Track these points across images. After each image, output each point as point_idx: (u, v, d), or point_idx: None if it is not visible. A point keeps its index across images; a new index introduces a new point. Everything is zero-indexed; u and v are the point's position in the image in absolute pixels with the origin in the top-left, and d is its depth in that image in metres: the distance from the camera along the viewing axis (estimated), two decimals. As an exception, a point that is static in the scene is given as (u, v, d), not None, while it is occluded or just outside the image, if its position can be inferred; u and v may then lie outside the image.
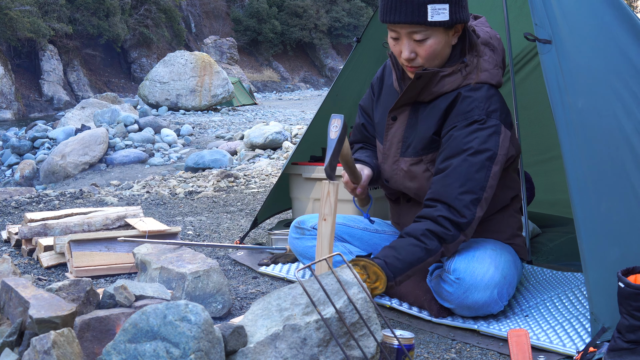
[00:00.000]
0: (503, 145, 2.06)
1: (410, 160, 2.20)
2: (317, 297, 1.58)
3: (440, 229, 2.00)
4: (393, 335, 1.65)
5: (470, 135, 2.04)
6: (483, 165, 2.02)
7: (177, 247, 2.55)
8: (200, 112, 17.61)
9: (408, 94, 2.17)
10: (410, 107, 2.22)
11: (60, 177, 9.32)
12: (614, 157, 1.93)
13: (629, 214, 1.90)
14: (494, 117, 2.06)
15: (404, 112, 2.23)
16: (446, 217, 2.00)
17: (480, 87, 2.10)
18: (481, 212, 2.04)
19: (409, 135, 2.21)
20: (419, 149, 2.18)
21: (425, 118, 2.17)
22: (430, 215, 2.02)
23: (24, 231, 3.11)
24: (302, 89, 35.17)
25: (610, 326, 1.81)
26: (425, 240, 1.99)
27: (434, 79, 2.11)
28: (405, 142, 2.22)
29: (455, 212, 2.00)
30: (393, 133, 2.26)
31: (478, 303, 2.06)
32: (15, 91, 23.71)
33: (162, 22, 31.48)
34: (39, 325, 1.45)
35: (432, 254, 2.00)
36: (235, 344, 1.47)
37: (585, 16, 2.06)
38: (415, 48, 2.07)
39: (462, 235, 2.03)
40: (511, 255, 2.19)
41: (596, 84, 1.98)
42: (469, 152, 2.03)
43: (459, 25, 2.08)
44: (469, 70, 2.11)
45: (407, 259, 1.97)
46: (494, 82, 2.14)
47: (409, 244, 1.99)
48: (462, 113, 2.08)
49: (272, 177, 6.32)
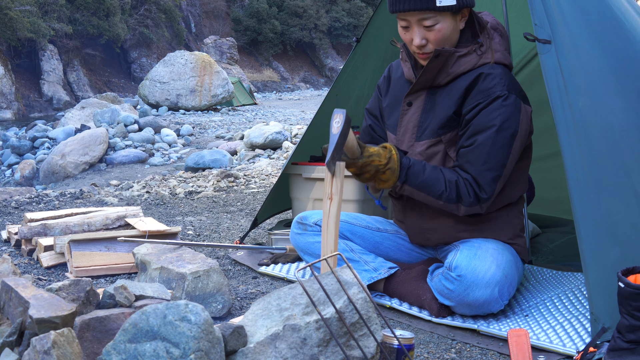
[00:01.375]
0: (523, 122, 2.15)
1: (428, 142, 2.24)
2: (317, 297, 1.58)
3: (464, 189, 2.12)
4: (393, 335, 1.65)
5: (494, 112, 2.11)
6: (505, 143, 2.11)
7: (177, 247, 2.55)
8: (200, 112, 17.60)
9: (426, 75, 2.21)
10: (426, 92, 2.26)
11: (60, 177, 9.32)
12: (614, 157, 1.93)
13: (629, 214, 1.90)
14: (514, 93, 2.13)
15: (419, 97, 2.27)
16: (472, 185, 2.13)
17: (497, 66, 2.18)
18: (499, 188, 2.15)
19: (425, 119, 2.25)
20: (437, 128, 2.22)
21: (443, 100, 2.22)
22: (461, 174, 2.14)
23: (24, 231, 3.11)
24: (302, 89, 35.16)
25: (610, 326, 1.81)
26: (449, 185, 2.13)
27: (450, 59, 2.17)
28: (422, 127, 2.26)
29: (480, 187, 2.12)
30: (408, 118, 2.29)
31: (479, 301, 2.06)
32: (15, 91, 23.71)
33: (162, 22, 31.48)
34: (39, 325, 1.45)
35: (444, 197, 2.14)
36: (235, 344, 1.47)
37: (585, 16, 2.06)
38: (426, 34, 2.14)
39: (479, 207, 2.15)
40: (512, 256, 2.19)
41: (596, 83, 1.98)
42: (492, 130, 2.11)
43: (465, 9, 2.16)
44: (484, 50, 2.18)
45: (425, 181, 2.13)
46: (507, 63, 2.22)
47: (436, 174, 2.14)
48: (484, 90, 2.14)
49: (272, 177, 6.32)
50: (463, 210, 2.15)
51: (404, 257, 2.45)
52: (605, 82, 1.98)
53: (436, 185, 2.13)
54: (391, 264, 2.37)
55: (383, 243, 2.44)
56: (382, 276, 2.32)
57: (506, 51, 2.24)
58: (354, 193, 3.03)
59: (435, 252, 2.41)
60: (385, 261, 2.38)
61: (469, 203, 2.13)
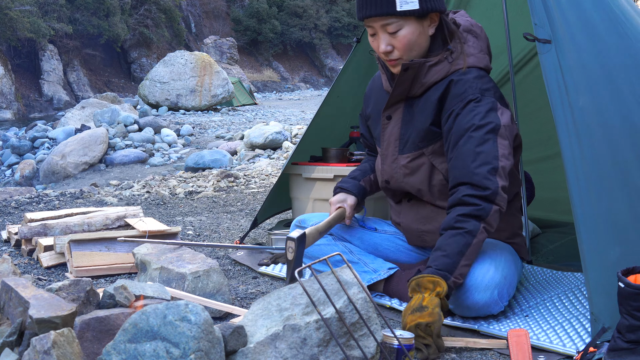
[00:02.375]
0: (504, 119, 2.07)
1: (411, 156, 2.22)
2: (317, 297, 1.58)
3: (470, 208, 1.98)
4: (393, 335, 1.65)
5: (469, 114, 2.06)
6: (488, 138, 2.03)
7: (177, 247, 2.55)
8: (200, 112, 17.60)
9: (399, 89, 2.19)
10: (403, 104, 2.24)
11: (60, 177, 9.32)
12: (614, 156, 1.93)
13: (630, 214, 1.89)
14: (489, 95, 2.09)
15: (397, 110, 2.25)
16: (471, 195, 1.99)
17: (469, 71, 2.13)
18: (503, 182, 2.01)
19: (405, 131, 2.23)
20: (418, 142, 2.19)
21: (420, 111, 2.19)
22: (456, 199, 2.02)
23: (24, 231, 3.11)
24: (302, 89, 35.17)
25: (610, 326, 1.81)
26: (462, 225, 1.97)
27: (422, 69, 2.14)
28: (403, 139, 2.24)
29: (476, 187, 1.99)
30: (389, 132, 2.27)
31: (478, 304, 2.06)
32: (15, 91, 23.71)
33: (162, 22, 31.49)
34: (39, 325, 1.45)
35: (475, 233, 1.97)
36: (235, 344, 1.47)
37: (585, 16, 2.06)
38: (391, 41, 2.11)
39: (495, 206, 1.99)
40: (511, 255, 2.19)
41: (596, 83, 1.98)
42: (471, 129, 2.04)
43: (434, 14, 2.12)
44: (455, 57, 2.15)
45: (454, 251, 1.95)
46: (482, 66, 2.17)
47: (449, 237, 1.98)
48: (456, 96, 2.10)
49: (272, 177, 6.32)
50: (491, 221, 1.99)
51: (404, 258, 2.45)
52: (605, 82, 1.98)
53: (459, 239, 1.96)
54: (391, 265, 2.36)
55: (382, 244, 2.44)
56: (382, 277, 2.32)
57: (482, 53, 2.19)
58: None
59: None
60: (384, 262, 2.37)
61: (485, 213, 1.97)
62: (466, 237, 1.96)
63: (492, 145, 2.03)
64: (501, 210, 2.01)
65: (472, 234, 1.97)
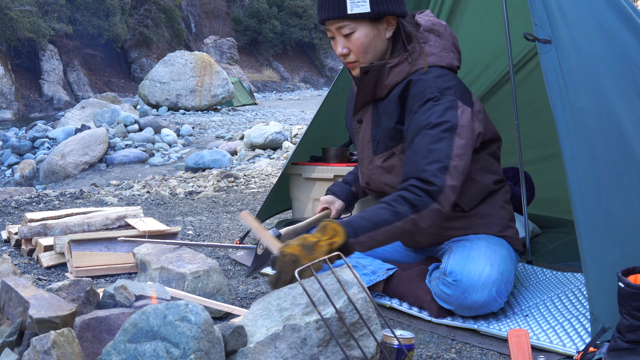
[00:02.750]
0: (463, 118, 2.05)
1: (384, 156, 2.23)
2: (317, 297, 1.58)
3: (410, 195, 1.93)
4: (393, 335, 1.65)
5: (427, 113, 2.05)
6: (443, 136, 2.01)
7: (177, 247, 2.55)
8: (200, 112, 17.61)
9: (362, 92, 2.21)
10: (371, 107, 2.26)
11: (60, 177, 9.31)
12: (614, 157, 1.93)
13: (629, 214, 1.89)
14: (449, 94, 2.07)
15: (367, 113, 2.28)
16: (416, 186, 1.95)
17: (430, 70, 2.14)
18: (453, 182, 1.97)
19: (376, 133, 2.25)
20: (387, 141, 2.21)
21: (385, 112, 2.21)
22: (402, 186, 1.99)
23: (24, 231, 3.11)
24: (302, 89, 35.18)
25: (610, 326, 1.81)
26: (395, 204, 1.93)
27: (383, 72, 2.16)
28: (375, 140, 2.25)
29: (424, 181, 1.95)
30: (362, 135, 2.30)
31: (477, 303, 2.06)
32: (15, 91, 23.71)
33: (162, 22, 31.50)
34: (39, 325, 1.45)
35: (401, 217, 1.91)
36: (235, 344, 1.47)
37: (585, 15, 2.06)
38: (346, 44, 2.14)
39: (436, 204, 1.94)
40: (506, 250, 2.18)
41: (596, 83, 1.98)
42: (427, 127, 2.03)
43: (390, 17, 2.13)
44: (414, 57, 2.16)
45: (372, 219, 1.90)
46: (444, 64, 2.17)
47: (378, 207, 1.94)
48: (415, 96, 2.10)
49: (272, 177, 6.32)
50: (425, 215, 1.93)
51: (402, 258, 2.45)
52: (605, 82, 1.98)
53: (384, 213, 1.91)
54: (389, 265, 2.36)
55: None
56: (381, 278, 2.32)
57: (445, 51, 2.18)
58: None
59: (431, 252, 2.40)
60: (383, 263, 2.37)
61: (422, 204, 1.92)
62: (390, 215, 1.91)
63: (446, 144, 2.00)
64: (441, 211, 1.95)
65: (397, 216, 1.91)
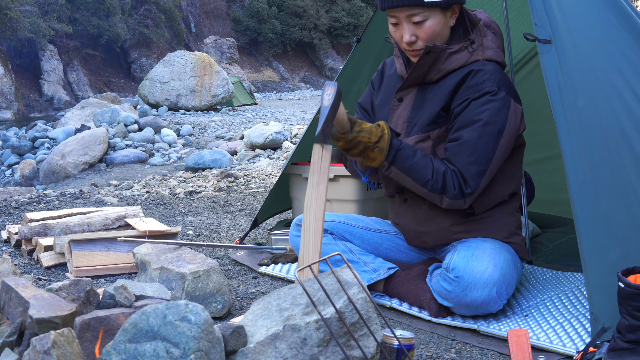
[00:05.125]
0: (512, 119, 2.12)
1: (416, 138, 2.23)
2: (317, 297, 1.58)
3: (450, 180, 2.09)
4: (393, 335, 1.65)
5: (482, 107, 2.10)
6: (492, 138, 2.09)
7: (177, 247, 2.55)
8: (200, 112, 17.61)
9: (417, 72, 2.21)
10: (417, 88, 2.26)
11: (60, 177, 9.31)
12: (614, 157, 1.93)
13: (629, 214, 1.89)
14: (504, 90, 2.12)
15: (410, 93, 2.27)
16: (457, 177, 2.10)
17: (489, 63, 2.16)
18: (485, 182, 2.12)
19: (415, 115, 2.25)
20: (425, 124, 2.21)
21: (433, 96, 2.21)
22: (449, 166, 2.12)
23: (24, 231, 3.11)
24: (302, 89, 35.17)
25: (610, 326, 1.81)
26: (436, 175, 2.10)
27: (442, 56, 2.16)
28: (411, 123, 2.25)
29: (465, 180, 2.10)
30: (399, 114, 2.29)
31: (477, 301, 2.06)
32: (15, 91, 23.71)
33: (162, 22, 31.49)
34: (39, 325, 1.45)
35: (429, 186, 2.10)
36: (235, 344, 1.47)
37: (585, 16, 2.06)
38: (415, 31, 2.14)
39: (462, 202, 2.12)
40: (510, 255, 2.19)
41: (596, 83, 1.98)
42: (479, 124, 2.09)
43: (456, 6, 2.15)
44: (475, 47, 2.18)
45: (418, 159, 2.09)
46: (499, 60, 2.20)
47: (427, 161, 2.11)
48: (474, 86, 2.13)
49: (272, 177, 6.32)
50: (446, 202, 2.12)
51: (404, 258, 2.45)
52: (605, 82, 1.98)
53: (423, 172, 2.09)
54: (390, 264, 2.37)
55: (382, 244, 2.44)
56: (382, 277, 2.32)
57: (499, 49, 2.22)
58: (353, 193, 3.03)
59: (434, 252, 2.41)
60: (384, 262, 2.37)
61: (452, 195, 2.09)
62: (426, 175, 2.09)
63: (491, 146, 2.09)
64: (463, 207, 2.14)
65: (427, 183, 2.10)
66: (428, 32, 2.12)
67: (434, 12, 2.11)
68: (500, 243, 2.21)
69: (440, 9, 2.11)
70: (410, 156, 2.09)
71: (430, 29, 2.12)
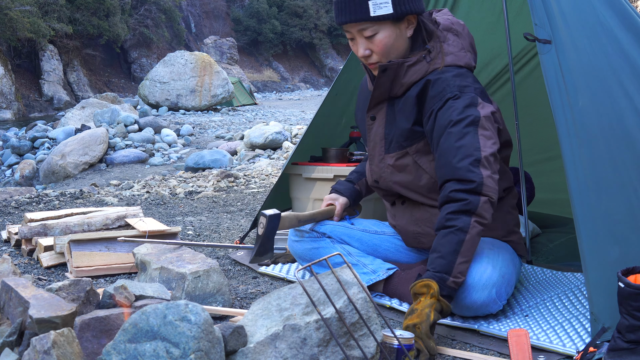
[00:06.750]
0: (484, 112, 2.05)
1: (396, 155, 2.22)
2: (317, 297, 1.58)
3: (457, 204, 1.96)
4: (393, 335, 1.65)
5: (447, 111, 2.06)
6: (467, 131, 2.01)
7: (177, 247, 2.55)
8: (200, 112, 17.61)
9: (379, 90, 2.20)
10: (386, 104, 2.25)
11: (60, 177, 9.31)
12: (614, 157, 1.93)
13: (629, 214, 1.89)
14: (468, 92, 2.08)
15: (381, 110, 2.27)
16: (457, 190, 1.97)
17: (448, 70, 2.13)
18: (489, 171, 1.98)
19: (389, 131, 2.24)
20: (402, 141, 2.20)
21: (401, 110, 2.20)
22: (444, 197, 2.01)
23: (24, 231, 3.11)
24: (302, 89, 35.18)
25: (610, 326, 1.81)
26: (452, 222, 1.95)
27: (401, 70, 2.15)
28: (387, 139, 2.25)
29: (461, 182, 1.97)
30: (374, 132, 2.29)
31: (476, 303, 2.05)
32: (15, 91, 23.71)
33: (162, 22, 31.51)
34: (39, 325, 1.45)
35: (467, 229, 1.94)
36: (235, 344, 1.47)
37: (585, 16, 2.06)
38: (369, 45, 2.13)
39: (483, 197, 1.96)
40: (509, 254, 2.19)
41: (596, 83, 1.98)
42: (450, 125, 2.04)
43: (411, 16, 2.13)
44: (433, 56, 2.15)
45: (448, 250, 1.94)
46: (462, 64, 2.17)
47: (442, 236, 1.97)
48: (435, 96, 2.10)
49: (272, 177, 6.32)
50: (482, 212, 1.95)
51: (403, 258, 2.45)
52: (605, 82, 1.98)
53: (452, 238, 1.94)
54: (390, 265, 2.36)
55: (381, 245, 2.44)
56: (381, 278, 2.32)
57: (462, 51, 2.19)
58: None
59: (434, 252, 2.40)
60: (383, 262, 2.37)
61: (473, 206, 1.94)
62: (458, 235, 1.94)
63: (472, 137, 2.01)
64: (491, 200, 1.98)
65: (463, 231, 1.95)
66: (380, 46, 2.11)
67: (383, 26, 2.09)
68: (498, 242, 2.21)
69: (390, 22, 2.09)
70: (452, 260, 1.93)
71: (382, 43, 2.11)
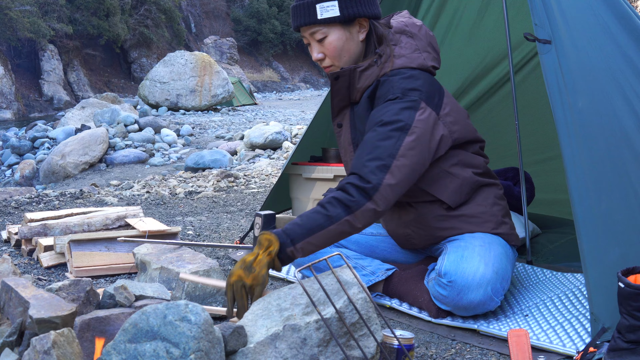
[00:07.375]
0: (421, 120, 2.02)
1: None
2: (317, 297, 1.58)
3: (344, 196, 1.90)
4: (393, 335, 1.65)
5: (382, 110, 2.06)
6: (392, 135, 1.99)
7: (177, 247, 2.55)
8: (200, 112, 17.61)
9: (337, 97, 2.22)
10: (349, 110, 2.27)
11: (60, 177, 9.32)
12: (614, 157, 1.93)
13: (629, 214, 1.89)
14: (412, 95, 2.06)
15: (345, 117, 2.28)
16: (352, 184, 1.92)
17: (398, 72, 2.13)
18: (393, 180, 1.94)
19: (354, 136, 2.26)
20: None
21: (358, 114, 2.22)
22: (340, 185, 1.96)
23: (24, 231, 3.11)
24: (302, 89, 35.19)
25: (610, 326, 1.81)
26: (328, 207, 1.89)
27: (354, 76, 2.16)
28: (354, 143, 2.26)
29: (361, 179, 1.93)
30: (343, 138, 2.31)
31: (473, 303, 2.05)
32: (15, 91, 23.72)
33: (162, 22, 31.51)
34: (39, 325, 1.45)
35: (334, 221, 1.87)
36: (235, 344, 1.47)
37: (585, 16, 2.06)
38: (321, 49, 2.15)
39: (371, 203, 1.90)
40: (501, 247, 2.17)
41: (596, 83, 1.98)
42: (378, 124, 2.03)
43: (362, 20, 2.13)
44: (384, 60, 2.15)
45: (307, 225, 1.87)
46: (414, 65, 2.15)
47: (312, 212, 1.92)
48: (380, 97, 2.11)
49: (272, 177, 6.32)
50: (359, 216, 1.89)
51: (401, 258, 2.45)
52: (605, 82, 1.98)
53: (318, 218, 1.87)
54: (388, 266, 2.36)
55: (379, 246, 2.44)
56: (380, 279, 2.32)
57: (416, 52, 2.17)
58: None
59: (429, 251, 2.40)
60: (382, 263, 2.37)
61: (356, 205, 1.88)
62: (324, 219, 1.88)
63: (393, 142, 1.98)
64: (377, 210, 1.92)
65: (330, 220, 1.88)
66: (331, 49, 2.13)
67: (333, 28, 2.11)
68: (489, 236, 2.19)
69: (340, 24, 2.10)
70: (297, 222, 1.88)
71: (332, 45, 2.12)
